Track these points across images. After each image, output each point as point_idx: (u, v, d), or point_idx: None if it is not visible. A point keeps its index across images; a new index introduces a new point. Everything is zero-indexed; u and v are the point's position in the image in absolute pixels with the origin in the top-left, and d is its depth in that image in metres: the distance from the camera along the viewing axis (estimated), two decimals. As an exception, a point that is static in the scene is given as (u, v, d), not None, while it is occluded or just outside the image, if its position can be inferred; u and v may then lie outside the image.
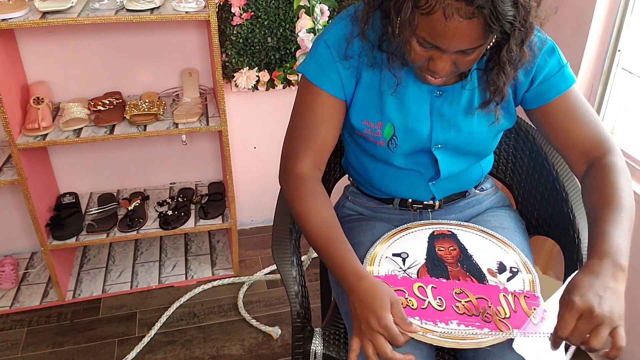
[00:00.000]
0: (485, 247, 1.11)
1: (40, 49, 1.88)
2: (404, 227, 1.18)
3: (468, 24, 0.82)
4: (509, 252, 1.10)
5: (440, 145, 1.09)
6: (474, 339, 0.91)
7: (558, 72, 1.04)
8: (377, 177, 1.18)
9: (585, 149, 1.03)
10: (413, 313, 0.95)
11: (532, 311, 0.95)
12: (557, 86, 1.04)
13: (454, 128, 1.07)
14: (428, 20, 0.84)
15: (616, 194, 0.95)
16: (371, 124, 1.07)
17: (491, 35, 0.87)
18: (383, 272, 1.05)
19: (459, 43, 0.86)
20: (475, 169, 1.20)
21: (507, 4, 0.82)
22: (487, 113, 1.06)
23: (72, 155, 2.09)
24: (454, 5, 0.81)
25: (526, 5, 0.85)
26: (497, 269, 1.05)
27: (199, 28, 1.98)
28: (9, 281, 2.03)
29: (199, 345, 1.84)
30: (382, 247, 1.12)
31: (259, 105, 2.15)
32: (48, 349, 1.82)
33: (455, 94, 1.05)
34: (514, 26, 0.85)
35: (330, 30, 1.04)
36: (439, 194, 1.19)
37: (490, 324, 0.93)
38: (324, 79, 1.04)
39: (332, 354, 1.15)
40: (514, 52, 0.92)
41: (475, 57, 0.91)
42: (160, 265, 2.17)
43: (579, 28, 1.68)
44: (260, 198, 2.36)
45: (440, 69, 0.91)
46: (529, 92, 1.05)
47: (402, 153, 1.10)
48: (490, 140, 1.12)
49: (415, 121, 1.06)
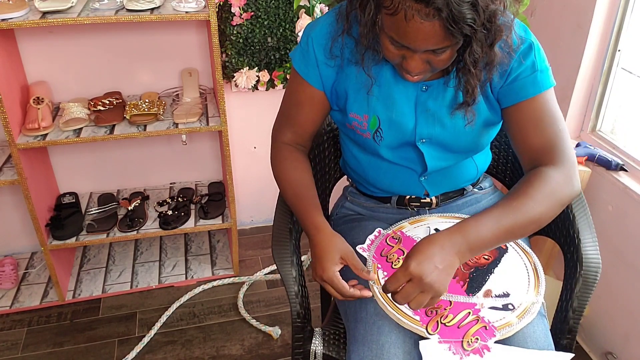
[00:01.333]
0: (513, 275, 1.05)
1: (40, 48, 1.88)
2: (451, 215, 1.19)
3: (429, 25, 0.84)
4: (531, 290, 1.02)
5: (425, 140, 1.10)
6: (396, 312, 0.97)
7: (530, 75, 1.01)
8: (371, 172, 1.19)
9: (535, 156, 1.03)
10: (389, 269, 1.03)
11: (471, 337, 0.94)
12: (526, 89, 1.02)
13: (438, 123, 1.08)
14: (393, 21, 0.86)
15: (522, 198, 0.96)
16: (358, 116, 1.09)
17: (454, 37, 0.86)
18: (411, 232, 1.12)
19: (423, 43, 0.87)
20: (468, 165, 1.20)
21: (465, 7, 0.82)
22: (467, 114, 1.05)
23: (72, 155, 2.09)
24: (414, 7, 0.82)
25: (486, 9, 0.84)
26: (496, 295, 1.01)
27: (199, 28, 1.98)
28: (9, 281, 2.03)
29: (198, 345, 1.84)
30: (435, 218, 1.18)
31: (259, 105, 2.15)
32: (48, 349, 1.82)
33: (441, 89, 1.06)
34: (474, 29, 0.85)
35: (317, 25, 1.08)
36: (432, 189, 1.20)
37: (424, 317, 0.96)
38: (305, 69, 1.10)
39: (332, 354, 1.16)
40: (477, 54, 0.92)
41: (447, 57, 0.92)
42: (160, 265, 2.17)
43: (579, 28, 1.68)
44: (260, 198, 2.36)
45: (412, 68, 0.93)
46: (501, 90, 1.04)
47: (387, 146, 1.11)
48: (476, 137, 1.11)
49: (400, 114, 1.07)
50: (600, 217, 1.66)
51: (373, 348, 0.98)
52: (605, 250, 1.35)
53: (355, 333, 1.02)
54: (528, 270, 1.07)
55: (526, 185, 0.97)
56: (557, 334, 1.13)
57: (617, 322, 1.68)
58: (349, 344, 1.03)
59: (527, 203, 0.95)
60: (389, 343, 0.98)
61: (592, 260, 1.13)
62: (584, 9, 1.66)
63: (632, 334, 1.63)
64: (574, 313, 1.13)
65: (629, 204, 1.57)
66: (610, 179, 1.62)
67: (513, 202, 0.96)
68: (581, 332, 1.83)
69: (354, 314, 1.06)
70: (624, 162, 1.62)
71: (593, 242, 1.15)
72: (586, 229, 1.17)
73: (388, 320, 1.00)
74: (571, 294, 1.13)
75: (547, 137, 1.02)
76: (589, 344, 1.81)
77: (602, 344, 1.76)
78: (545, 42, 1.15)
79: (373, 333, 1.00)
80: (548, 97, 1.03)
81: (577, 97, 1.76)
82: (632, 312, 1.62)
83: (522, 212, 0.94)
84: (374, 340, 0.99)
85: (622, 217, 1.60)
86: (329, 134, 1.37)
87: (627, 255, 1.60)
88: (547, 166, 1.00)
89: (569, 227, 1.18)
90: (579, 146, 1.69)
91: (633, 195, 1.55)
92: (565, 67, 1.75)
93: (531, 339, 0.99)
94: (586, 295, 1.12)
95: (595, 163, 1.65)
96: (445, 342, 0.93)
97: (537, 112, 1.03)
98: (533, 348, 0.98)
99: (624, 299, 1.64)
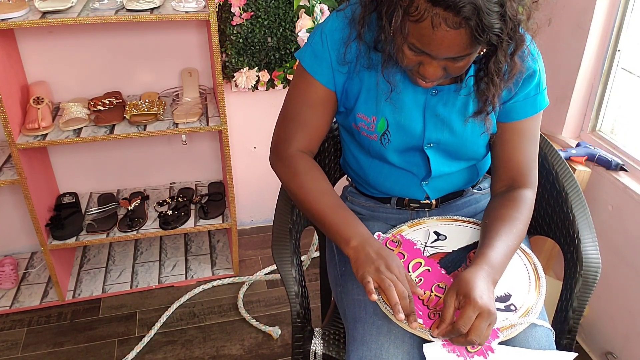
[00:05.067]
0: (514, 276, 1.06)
1: (40, 48, 1.88)
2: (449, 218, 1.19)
3: (455, 34, 0.83)
4: (532, 290, 1.03)
5: (433, 144, 1.10)
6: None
7: (534, 95, 1.07)
8: (372, 174, 1.19)
9: (514, 175, 1.11)
10: None
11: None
12: (526, 109, 1.07)
13: (447, 128, 1.08)
14: (417, 28, 0.85)
15: (517, 222, 1.05)
16: (366, 117, 1.08)
17: (479, 45, 0.87)
18: (410, 236, 1.12)
19: (446, 51, 0.87)
20: (470, 170, 1.20)
21: (494, 17, 0.82)
22: (480, 121, 1.06)
23: (72, 155, 2.09)
24: (441, 15, 0.82)
25: (514, 19, 0.86)
26: (498, 297, 1.01)
27: (199, 28, 1.98)
28: (9, 281, 2.03)
29: (198, 345, 1.84)
30: (434, 221, 1.17)
31: (258, 105, 2.15)
32: (48, 349, 1.82)
33: (451, 95, 1.06)
34: (500, 38, 0.86)
35: (329, 24, 1.06)
36: (433, 193, 1.20)
37: (427, 320, 0.96)
38: (317, 68, 1.06)
39: (332, 354, 1.15)
40: (501, 63, 0.94)
41: (464, 64, 0.92)
42: (160, 265, 2.17)
43: (579, 28, 1.68)
44: (260, 198, 2.36)
45: (429, 74, 0.93)
46: (505, 105, 1.07)
47: (394, 149, 1.10)
48: (482, 146, 1.13)
49: (409, 118, 1.07)
50: (600, 217, 1.66)
51: (372, 348, 0.98)
52: (605, 250, 1.35)
53: (355, 333, 1.02)
54: (528, 271, 1.07)
55: (516, 211, 1.06)
56: (557, 334, 1.13)
57: (617, 322, 1.68)
58: (348, 344, 1.03)
59: (519, 227, 1.05)
60: (388, 343, 0.98)
61: (592, 260, 1.13)
62: (584, 8, 1.66)
63: (632, 334, 1.63)
64: (574, 313, 1.13)
65: (628, 204, 1.57)
66: (610, 179, 1.62)
67: (512, 227, 1.04)
68: (581, 332, 1.83)
69: (353, 314, 1.06)
70: (624, 162, 1.62)
71: (593, 242, 1.15)
72: (586, 229, 1.17)
73: (387, 320, 1.00)
74: (571, 294, 1.13)
75: (528, 156, 1.11)
76: (588, 344, 1.81)
77: (602, 344, 1.76)
78: (545, 43, 1.15)
79: (372, 333, 1.00)
80: (539, 118, 1.10)
81: (577, 97, 1.76)
82: (632, 312, 1.61)
83: (519, 235, 1.04)
84: (373, 341, 0.99)
85: (622, 217, 1.60)
86: (329, 133, 1.37)
87: (627, 255, 1.60)
88: (524, 188, 1.10)
89: (569, 227, 1.18)
90: (579, 146, 1.69)
91: (633, 195, 1.55)
92: (565, 67, 1.75)
93: (533, 339, 0.99)
94: (586, 295, 1.12)
95: (595, 163, 1.65)
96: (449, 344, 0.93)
97: (528, 131, 1.09)
98: (535, 348, 0.98)
99: (624, 299, 1.64)
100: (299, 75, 1.09)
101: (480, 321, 0.89)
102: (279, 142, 1.11)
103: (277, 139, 1.12)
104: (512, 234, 1.03)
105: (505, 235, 1.02)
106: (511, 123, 1.08)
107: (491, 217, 1.07)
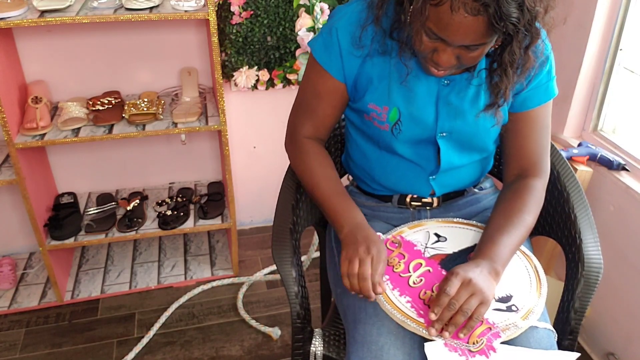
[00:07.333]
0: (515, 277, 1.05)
1: (38, 47, 1.88)
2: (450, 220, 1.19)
3: (473, 20, 0.84)
4: (533, 291, 1.03)
5: (445, 134, 1.09)
6: (399, 313, 0.97)
7: (546, 82, 1.07)
8: (378, 168, 1.18)
9: (524, 164, 1.12)
10: (390, 273, 1.03)
11: (476, 338, 0.93)
12: (540, 97, 1.08)
13: (460, 116, 1.08)
14: (436, 12, 0.86)
15: (520, 213, 1.06)
16: (377, 107, 1.08)
17: (495, 34, 0.88)
18: (410, 237, 1.12)
19: (462, 37, 0.88)
20: (476, 167, 1.20)
21: (512, 6, 0.83)
22: (490, 114, 1.07)
23: (70, 155, 2.09)
24: (461, 0, 0.83)
25: (532, 10, 0.86)
26: (499, 298, 1.01)
27: (198, 27, 1.97)
28: (7, 281, 2.02)
29: (198, 346, 1.83)
30: (434, 223, 1.17)
31: (258, 105, 2.14)
32: (46, 350, 1.82)
33: (463, 84, 1.06)
34: (517, 28, 0.87)
35: (344, 13, 1.06)
36: (439, 189, 1.19)
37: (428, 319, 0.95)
38: (327, 60, 1.08)
39: (332, 354, 1.15)
40: (516, 55, 0.94)
41: (478, 54, 0.92)
42: (159, 265, 2.16)
43: (580, 27, 1.68)
44: (259, 198, 2.35)
45: (443, 62, 0.94)
46: (519, 95, 1.07)
47: (405, 140, 1.10)
48: (493, 138, 1.14)
49: (421, 108, 1.07)
50: (601, 217, 1.65)
51: (372, 349, 0.97)
52: (607, 250, 1.34)
53: (355, 334, 1.02)
54: (529, 272, 1.07)
55: (520, 202, 1.07)
56: (559, 335, 1.12)
57: (619, 323, 1.68)
58: (348, 345, 1.02)
59: (525, 217, 1.06)
60: (388, 344, 0.98)
61: (594, 261, 1.13)
62: (586, 7, 1.65)
63: (634, 335, 1.62)
64: (575, 314, 1.12)
65: (630, 204, 1.56)
66: (612, 179, 1.62)
67: (514, 218, 1.05)
68: (583, 333, 1.82)
69: (353, 315, 1.05)
70: (626, 162, 1.62)
71: (595, 243, 1.15)
72: (588, 229, 1.16)
73: (387, 321, 0.99)
74: (573, 294, 1.13)
75: (539, 144, 1.11)
76: (590, 344, 1.81)
77: (604, 345, 1.75)
78: (546, 41, 1.15)
79: (372, 334, 0.99)
80: (550, 106, 1.11)
81: (578, 97, 1.75)
82: (635, 313, 1.61)
83: (524, 226, 1.05)
84: (374, 341, 0.98)
85: (624, 217, 1.59)
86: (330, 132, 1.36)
87: (629, 255, 1.60)
88: (533, 177, 1.11)
89: (571, 228, 1.18)
90: (581, 146, 1.68)
91: (635, 195, 1.54)
92: (566, 67, 1.75)
93: (534, 339, 0.99)
94: (588, 296, 1.12)
95: (596, 163, 1.64)
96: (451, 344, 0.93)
97: (539, 119, 1.10)
98: (536, 348, 0.98)
99: (626, 299, 1.63)
100: (311, 64, 1.12)
101: (463, 289, 0.91)
102: (291, 127, 1.18)
103: (290, 124, 1.19)
104: (513, 225, 1.04)
105: (507, 226, 1.03)
106: (523, 112, 1.09)
107: (495, 209, 1.10)
